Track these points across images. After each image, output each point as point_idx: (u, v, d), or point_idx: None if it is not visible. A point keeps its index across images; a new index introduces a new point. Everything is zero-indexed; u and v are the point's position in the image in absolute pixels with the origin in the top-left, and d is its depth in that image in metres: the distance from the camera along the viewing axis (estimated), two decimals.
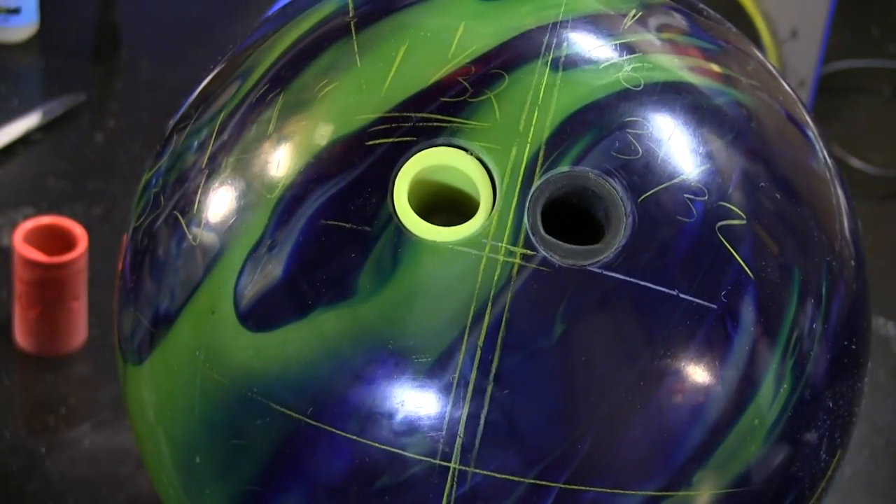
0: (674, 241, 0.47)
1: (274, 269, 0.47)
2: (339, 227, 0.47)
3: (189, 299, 0.49)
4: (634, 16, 0.51)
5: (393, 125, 0.48)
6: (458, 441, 0.46)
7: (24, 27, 0.98)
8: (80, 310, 0.76)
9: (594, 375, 0.46)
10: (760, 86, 0.51)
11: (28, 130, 0.90)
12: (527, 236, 0.46)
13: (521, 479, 0.46)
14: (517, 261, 0.46)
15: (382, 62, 0.49)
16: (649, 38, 0.50)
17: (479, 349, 0.45)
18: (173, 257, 0.50)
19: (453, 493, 0.46)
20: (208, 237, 0.49)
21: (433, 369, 0.46)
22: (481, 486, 0.46)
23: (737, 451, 0.47)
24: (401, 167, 0.47)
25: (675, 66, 0.50)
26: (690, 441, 0.47)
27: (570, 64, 0.49)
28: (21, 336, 0.77)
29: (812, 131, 0.52)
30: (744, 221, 0.48)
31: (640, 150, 0.47)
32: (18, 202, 0.85)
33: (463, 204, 0.48)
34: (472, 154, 0.47)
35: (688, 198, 0.47)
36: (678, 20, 0.52)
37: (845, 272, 0.51)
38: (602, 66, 0.49)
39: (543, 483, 0.46)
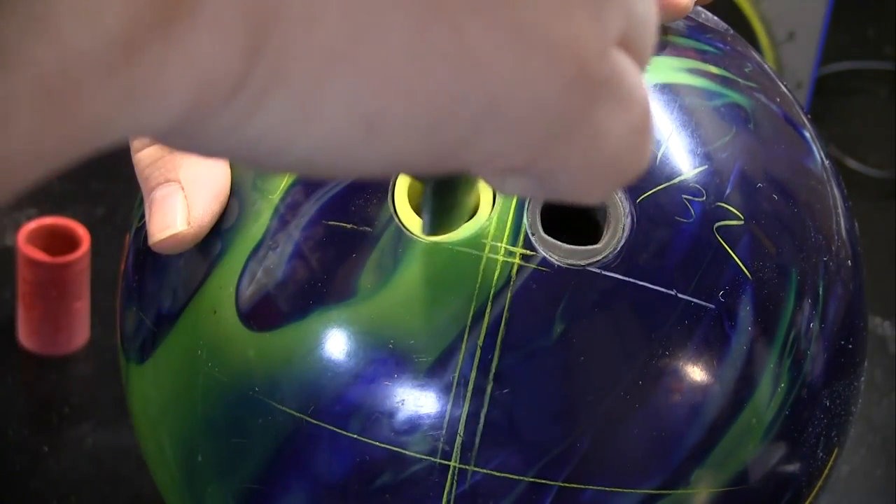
0: (672, 241, 0.47)
1: (275, 269, 0.47)
2: (340, 227, 0.47)
3: (191, 299, 0.49)
4: None
5: None
6: (459, 440, 0.46)
7: None
8: (82, 309, 0.76)
9: (593, 374, 0.46)
10: (758, 87, 0.52)
11: None
12: (526, 236, 0.46)
13: (521, 478, 0.46)
14: (517, 261, 0.46)
15: None
16: None
17: (479, 348, 0.46)
18: (175, 258, 0.50)
19: (453, 491, 0.46)
20: (210, 238, 0.49)
21: (433, 368, 0.46)
22: (481, 484, 0.46)
23: (734, 449, 0.48)
24: None
25: (673, 67, 0.50)
26: (688, 440, 0.47)
27: None
28: (24, 335, 0.77)
29: (809, 132, 0.53)
30: (741, 222, 0.48)
31: None
32: (22, 203, 0.85)
33: None
34: None
35: (686, 198, 0.48)
36: (676, 22, 0.52)
37: (842, 272, 0.51)
38: None
39: (543, 481, 0.46)
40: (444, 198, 0.44)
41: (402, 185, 0.47)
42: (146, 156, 0.49)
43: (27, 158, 0.24)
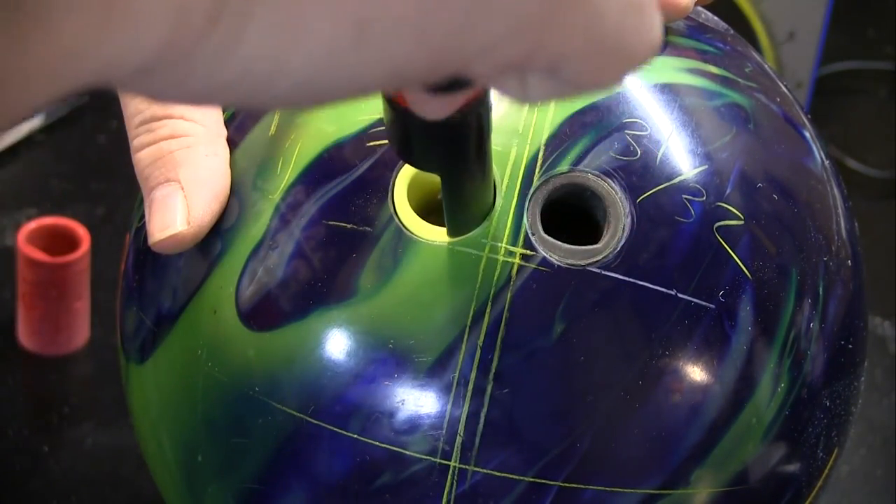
0: (672, 241, 0.47)
1: (275, 269, 0.47)
2: (340, 227, 0.47)
3: (191, 299, 0.49)
4: None
5: None
6: (459, 440, 0.46)
7: None
8: (82, 309, 0.77)
9: (593, 374, 0.46)
10: (758, 87, 0.52)
11: (31, 131, 0.91)
12: (526, 236, 0.46)
13: (521, 478, 0.46)
14: (517, 261, 0.46)
15: None
16: None
17: (479, 348, 0.46)
18: (175, 257, 0.50)
19: (453, 491, 0.46)
20: (210, 237, 0.49)
21: (433, 368, 0.46)
22: (481, 484, 0.46)
23: (734, 449, 0.48)
24: (401, 168, 0.48)
25: (673, 67, 0.50)
26: (689, 440, 0.47)
27: None
28: (24, 335, 0.77)
29: (809, 132, 0.53)
30: (741, 222, 0.48)
31: (639, 151, 0.48)
32: (21, 203, 0.86)
33: None
34: None
35: (686, 198, 0.48)
36: (676, 22, 0.52)
37: (842, 272, 0.51)
38: None
39: (543, 481, 0.46)
40: (457, 194, 0.44)
41: (402, 184, 0.47)
42: (146, 155, 0.49)
43: (5, 84, 0.24)
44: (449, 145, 0.41)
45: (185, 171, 0.48)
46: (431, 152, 0.41)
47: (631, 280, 0.46)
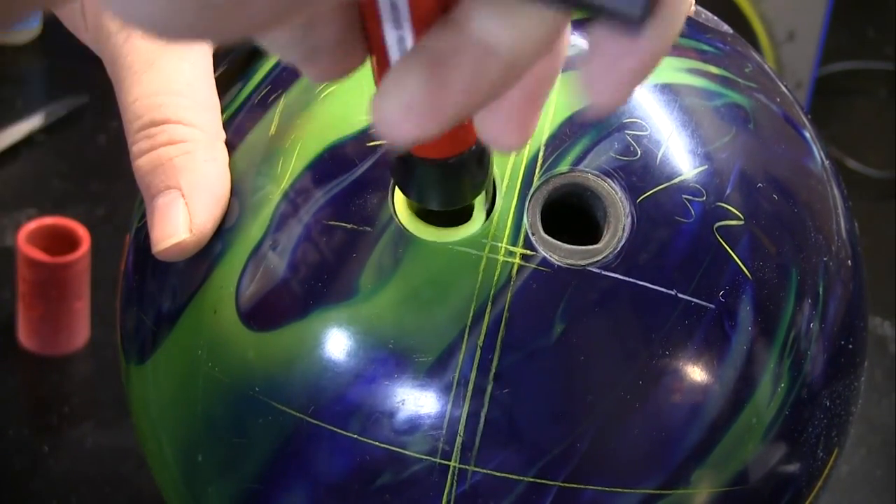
0: (672, 241, 0.47)
1: (275, 269, 0.47)
2: (340, 227, 0.47)
3: (191, 299, 0.49)
4: None
5: None
6: (459, 440, 0.46)
7: (27, 29, 0.98)
8: (82, 309, 0.77)
9: (593, 374, 0.46)
10: (758, 87, 0.52)
11: (31, 132, 0.91)
12: (526, 236, 0.46)
13: (521, 478, 0.46)
14: (517, 261, 0.46)
15: None
16: None
17: (479, 348, 0.46)
18: None
19: (453, 491, 0.46)
20: (210, 238, 0.49)
21: (434, 368, 0.46)
22: (481, 484, 0.46)
23: (734, 449, 0.48)
24: None
25: (673, 67, 0.50)
26: (689, 440, 0.47)
27: (569, 66, 0.49)
28: (24, 335, 0.77)
29: (809, 132, 0.53)
30: (741, 222, 0.48)
31: (639, 151, 0.48)
32: (22, 203, 0.86)
33: None
34: None
35: (686, 198, 0.48)
36: None
37: (842, 272, 0.51)
38: None
39: (543, 481, 0.46)
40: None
41: None
42: (145, 163, 0.49)
43: None
44: (448, 186, 0.42)
45: (186, 178, 0.48)
46: (432, 191, 0.42)
47: (631, 280, 0.46)
